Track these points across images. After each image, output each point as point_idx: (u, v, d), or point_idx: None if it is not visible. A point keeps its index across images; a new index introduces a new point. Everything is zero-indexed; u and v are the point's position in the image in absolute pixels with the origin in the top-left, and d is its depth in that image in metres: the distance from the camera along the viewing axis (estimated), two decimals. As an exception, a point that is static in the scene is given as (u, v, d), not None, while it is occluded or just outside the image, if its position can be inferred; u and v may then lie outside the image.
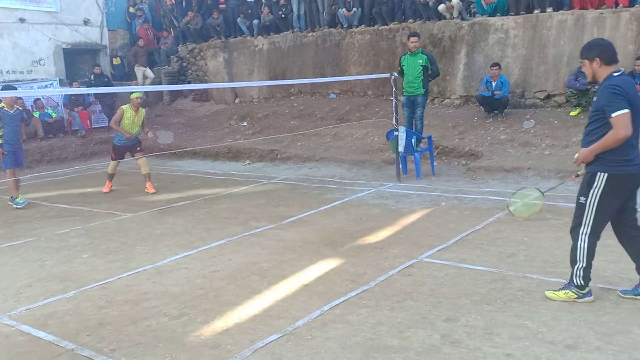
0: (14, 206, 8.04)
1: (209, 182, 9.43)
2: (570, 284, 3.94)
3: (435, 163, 8.88)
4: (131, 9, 16.20)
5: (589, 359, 3.19)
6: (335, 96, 13.19)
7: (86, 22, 14.84)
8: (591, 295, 3.92)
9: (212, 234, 6.19)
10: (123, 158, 8.88)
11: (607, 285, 4.19)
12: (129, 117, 8.59)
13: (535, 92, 10.32)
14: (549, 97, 10.20)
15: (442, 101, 11.45)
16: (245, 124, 13.35)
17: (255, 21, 14.26)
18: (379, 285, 4.47)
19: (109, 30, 15.60)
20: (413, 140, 8.36)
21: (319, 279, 4.67)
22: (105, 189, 8.94)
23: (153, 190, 8.69)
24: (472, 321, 3.73)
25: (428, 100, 11.43)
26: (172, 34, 15.85)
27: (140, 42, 15.11)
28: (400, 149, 8.27)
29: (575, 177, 4.05)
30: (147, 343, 3.69)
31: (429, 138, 8.73)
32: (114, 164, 8.89)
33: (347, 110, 12.24)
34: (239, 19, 14.43)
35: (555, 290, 4.00)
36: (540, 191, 4.33)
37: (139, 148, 8.89)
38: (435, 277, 4.55)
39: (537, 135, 9.16)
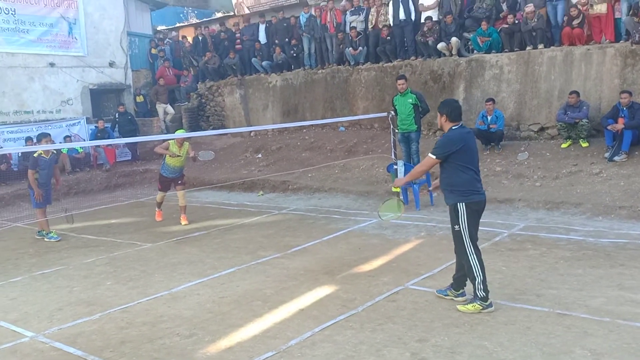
0: (46, 239, 8.66)
1: (223, 213, 10.11)
2: (475, 298, 4.71)
3: (434, 194, 9.43)
4: (153, 50, 17.29)
5: (532, 375, 3.69)
6: (344, 129, 13.89)
7: (111, 64, 15.93)
8: (492, 306, 4.70)
9: (223, 263, 6.82)
10: (169, 189, 9.51)
11: (564, 311, 4.68)
12: (174, 149, 9.19)
13: (530, 125, 10.87)
14: (542, 129, 10.74)
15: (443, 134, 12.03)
16: (259, 156, 14.08)
17: (265, 62, 15.17)
18: (365, 309, 5.03)
19: (132, 70, 16.66)
20: (411, 173, 8.94)
21: (314, 304, 5.26)
22: (157, 218, 9.63)
23: (186, 222, 9.27)
24: (440, 342, 4.28)
25: (430, 133, 12.12)
26: (192, 72, 16.85)
27: (161, 81, 16.12)
28: (399, 181, 8.86)
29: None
30: (161, 358, 4.32)
31: (426, 171, 9.31)
32: (162, 194, 9.55)
33: (355, 142, 12.89)
34: (253, 59, 15.38)
35: (465, 304, 4.80)
36: (399, 199, 5.24)
37: (180, 181, 9.47)
38: (416, 303, 5.11)
39: (530, 167, 9.68)
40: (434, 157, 4.68)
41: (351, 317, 4.88)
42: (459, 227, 4.73)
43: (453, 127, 4.76)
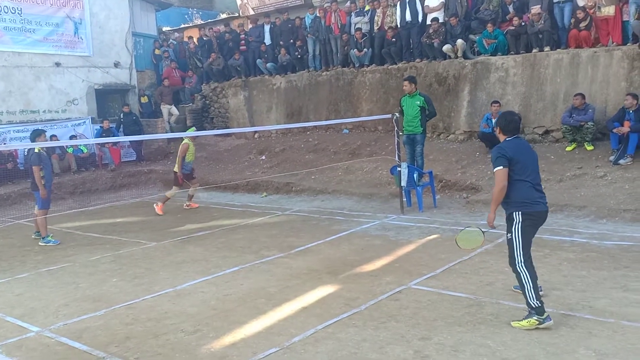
0: (42, 243, 8.30)
1: (227, 214, 10.15)
2: (531, 312, 4.45)
3: (437, 196, 9.46)
4: (157, 51, 17.32)
5: (535, 374, 3.69)
6: (348, 131, 13.92)
7: (116, 65, 15.94)
8: (550, 319, 4.41)
9: (227, 262, 6.86)
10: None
11: (568, 311, 4.69)
12: (192, 148, 10.68)
13: (534, 128, 10.86)
14: (547, 132, 10.73)
15: (447, 136, 12.05)
16: (263, 157, 14.12)
17: (269, 64, 15.22)
18: (368, 308, 5.06)
19: (137, 71, 16.65)
20: (415, 175, 8.98)
21: (317, 302, 5.28)
22: (160, 211, 10.41)
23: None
24: (443, 340, 4.30)
25: (434, 135, 12.13)
26: (196, 74, 16.90)
27: (166, 82, 16.19)
28: (403, 183, 8.90)
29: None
30: (165, 354, 4.36)
31: (430, 173, 9.35)
32: (177, 189, 10.71)
33: (359, 144, 12.90)
34: (258, 61, 15.42)
35: (519, 320, 4.49)
36: (481, 230, 5.01)
37: (194, 176, 11.06)
38: (418, 302, 5.12)
39: (535, 170, 9.66)
40: (500, 167, 4.61)
41: (354, 315, 4.90)
42: (511, 236, 4.67)
43: (507, 139, 4.79)
